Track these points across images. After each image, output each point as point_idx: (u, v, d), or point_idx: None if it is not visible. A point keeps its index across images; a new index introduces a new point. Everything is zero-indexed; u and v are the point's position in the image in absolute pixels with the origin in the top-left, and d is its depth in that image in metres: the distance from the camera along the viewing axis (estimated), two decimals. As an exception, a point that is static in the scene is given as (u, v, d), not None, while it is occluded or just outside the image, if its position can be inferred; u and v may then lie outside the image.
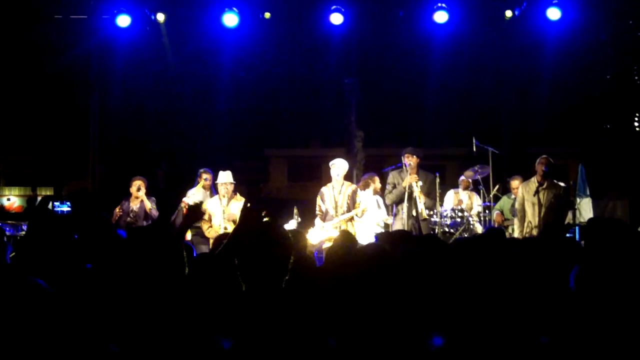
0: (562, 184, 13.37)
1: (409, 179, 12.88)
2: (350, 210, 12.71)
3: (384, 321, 3.86)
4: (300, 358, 3.69)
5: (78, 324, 3.69)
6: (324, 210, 12.88)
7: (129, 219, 13.29)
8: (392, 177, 13.36)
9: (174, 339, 3.70)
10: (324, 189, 13.06)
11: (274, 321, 3.73)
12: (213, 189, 14.09)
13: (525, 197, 12.81)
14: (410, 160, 13.02)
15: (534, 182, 12.77)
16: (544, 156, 12.90)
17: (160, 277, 3.90)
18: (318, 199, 12.99)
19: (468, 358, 3.77)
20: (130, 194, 13.56)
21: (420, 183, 12.99)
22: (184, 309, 3.87)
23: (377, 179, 14.35)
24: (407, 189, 12.86)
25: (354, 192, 12.87)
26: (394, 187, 13.19)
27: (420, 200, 12.90)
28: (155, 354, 3.67)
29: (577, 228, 12.79)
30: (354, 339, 3.83)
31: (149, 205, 13.36)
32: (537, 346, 3.90)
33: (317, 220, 12.94)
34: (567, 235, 11.80)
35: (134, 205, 13.45)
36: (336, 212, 12.71)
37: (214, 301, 4.14)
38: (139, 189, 13.46)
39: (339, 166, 12.94)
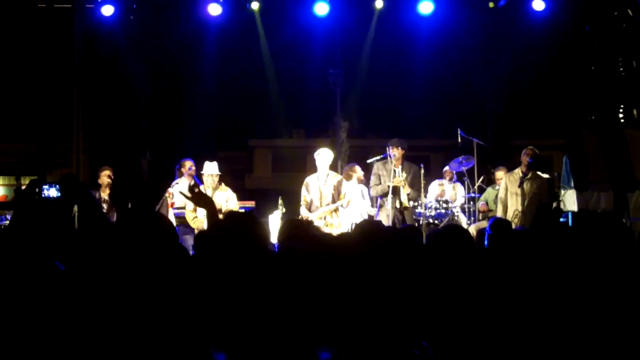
0: (546, 175, 13.44)
1: (395, 181, 12.91)
2: (335, 201, 12.72)
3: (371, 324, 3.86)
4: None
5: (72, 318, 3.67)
6: (308, 200, 12.89)
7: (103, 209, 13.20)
8: (376, 167, 13.39)
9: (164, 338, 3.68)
10: (309, 179, 13.06)
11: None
12: (196, 179, 14.06)
13: (509, 187, 12.91)
14: (395, 152, 13.04)
15: (518, 172, 12.93)
16: (530, 147, 13.06)
17: (150, 269, 3.89)
18: (303, 189, 12.99)
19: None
20: (98, 185, 13.49)
21: (407, 186, 13.03)
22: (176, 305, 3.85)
23: (357, 169, 14.31)
24: (390, 187, 12.89)
25: (339, 183, 12.88)
26: (379, 177, 13.21)
27: (405, 191, 12.92)
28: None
29: (570, 213, 12.87)
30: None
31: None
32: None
33: (302, 210, 12.93)
34: (561, 220, 11.88)
35: (105, 195, 13.32)
36: (321, 202, 12.71)
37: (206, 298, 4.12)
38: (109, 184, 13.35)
39: (324, 156, 12.95)
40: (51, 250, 4.15)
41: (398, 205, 12.99)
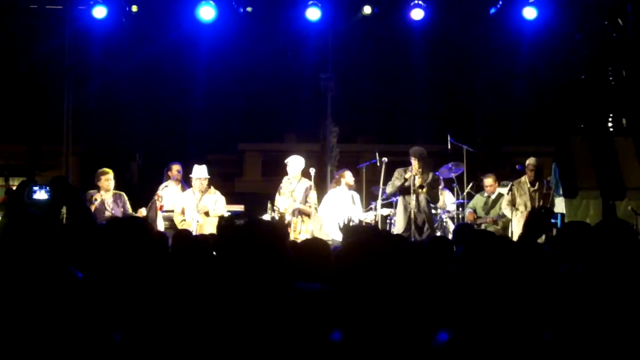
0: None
1: (411, 172, 13.25)
2: (304, 203, 13.37)
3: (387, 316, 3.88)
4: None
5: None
6: (278, 204, 13.41)
7: (107, 213, 13.07)
8: (397, 173, 13.69)
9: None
10: (282, 183, 13.79)
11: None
12: (183, 183, 14.10)
13: (517, 197, 13.46)
14: (413, 160, 13.43)
15: (525, 182, 13.45)
16: (534, 160, 13.66)
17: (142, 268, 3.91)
18: (277, 194, 13.43)
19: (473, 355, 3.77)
20: (96, 188, 13.40)
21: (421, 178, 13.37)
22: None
23: (347, 174, 14.42)
24: (409, 180, 13.21)
25: (308, 188, 13.43)
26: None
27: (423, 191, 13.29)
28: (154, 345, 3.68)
29: (559, 215, 13.02)
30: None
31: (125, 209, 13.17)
32: (540, 343, 3.92)
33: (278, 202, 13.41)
34: (552, 221, 12.04)
35: (108, 198, 13.24)
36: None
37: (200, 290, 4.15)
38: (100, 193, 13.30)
39: (292, 164, 13.67)
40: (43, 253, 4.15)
41: (416, 208, 13.28)
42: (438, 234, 14.74)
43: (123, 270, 4.00)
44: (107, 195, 13.20)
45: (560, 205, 14.36)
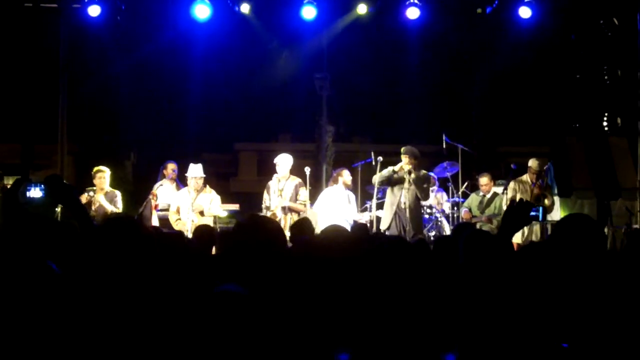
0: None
1: (401, 164, 13.26)
2: (294, 201, 13.45)
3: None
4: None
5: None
6: (268, 204, 13.45)
7: (91, 212, 13.04)
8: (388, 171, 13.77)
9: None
10: (270, 183, 13.81)
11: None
12: (178, 182, 14.09)
13: (518, 195, 13.47)
14: (405, 159, 13.39)
15: (526, 180, 13.47)
16: (537, 163, 13.62)
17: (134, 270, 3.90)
18: (265, 193, 13.51)
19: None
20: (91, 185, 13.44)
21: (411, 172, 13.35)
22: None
23: (345, 173, 14.46)
24: (398, 173, 13.20)
25: (297, 186, 13.57)
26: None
27: (410, 177, 13.27)
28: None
29: (540, 208, 13.17)
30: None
31: (109, 208, 13.16)
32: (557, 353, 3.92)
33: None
34: (532, 214, 12.18)
35: (99, 196, 13.25)
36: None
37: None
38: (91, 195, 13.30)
39: (281, 163, 13.75)
40: (37, 250, 4.13)
41: (404, 206, 13.24)
42: (432, 233, 14.75)
43: (116, 269, 3.99)
44: (99, 193, 13.23)
45: (555, 204, 14.42)
